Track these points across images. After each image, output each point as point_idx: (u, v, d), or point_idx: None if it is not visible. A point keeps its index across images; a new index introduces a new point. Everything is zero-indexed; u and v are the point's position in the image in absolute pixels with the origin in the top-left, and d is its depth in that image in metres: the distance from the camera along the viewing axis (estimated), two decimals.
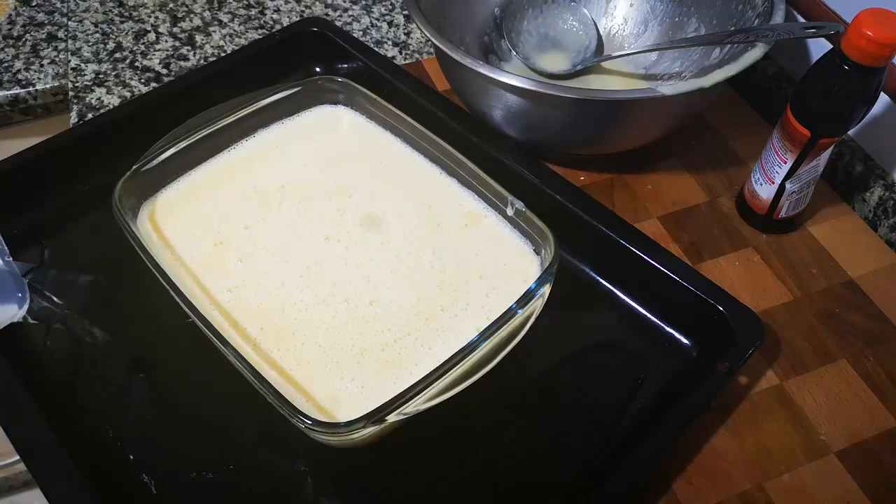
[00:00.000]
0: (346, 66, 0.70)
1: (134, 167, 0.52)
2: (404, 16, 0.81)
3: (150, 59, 0.75)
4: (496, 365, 0.43)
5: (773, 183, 0.58)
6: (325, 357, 0.47)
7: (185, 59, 0.75)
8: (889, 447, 0.50)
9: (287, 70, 0.70)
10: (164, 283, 0.46)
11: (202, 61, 0.75)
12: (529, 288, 0.45)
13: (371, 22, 0.80)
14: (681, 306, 0.54)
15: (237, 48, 0.75)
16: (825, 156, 0.55)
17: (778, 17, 0.59)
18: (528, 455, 0.49)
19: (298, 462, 0.48)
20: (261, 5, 0.81)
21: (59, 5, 0.81)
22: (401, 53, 0.77)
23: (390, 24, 0.80)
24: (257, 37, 0.77)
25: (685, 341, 0.54)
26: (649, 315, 0.55)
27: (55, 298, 0.49)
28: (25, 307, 0.47)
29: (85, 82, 0.72)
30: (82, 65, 0.74)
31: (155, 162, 0.53)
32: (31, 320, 0.47)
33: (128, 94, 0.71)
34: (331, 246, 0.53)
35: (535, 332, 0.45)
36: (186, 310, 0.45)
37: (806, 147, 0.54)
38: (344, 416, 0.43)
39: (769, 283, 0.59)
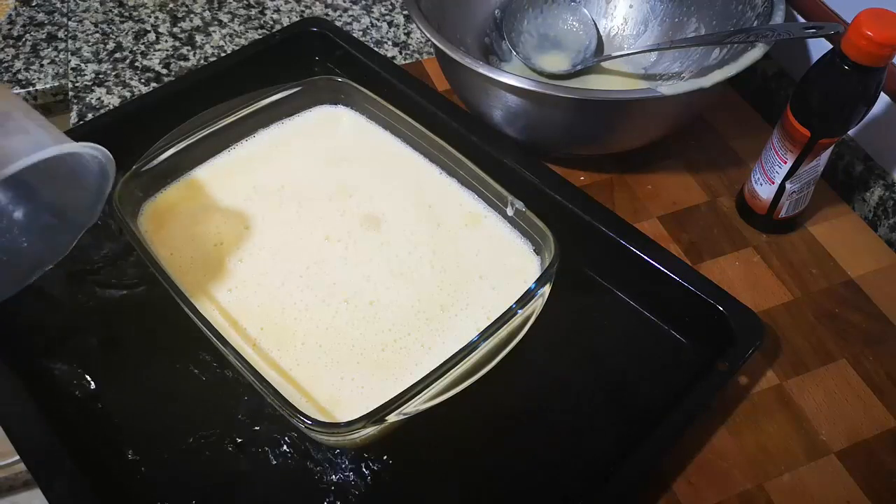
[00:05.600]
0: (346, 66, 0.70)
1: (134, 167, 0.52)
2: (404, 16, 0.81)
3: (150, 59, 0.75)
4: (496, 365, 0.43)
5: (773, 183, 0.58)
6: (326, 357, 0.47)
7: (185, 59, 0.75)
8: (889, 447, 0.50)
9: (287, 70, 0.70)
10: (164, 283, 0.46)
11: (202, 61, 0.75)
12: (529, 288, 0.45)
13: (371, 22, 0.80)
14: (681, 306, 0.54)
15: (237, 48, 0.75)
16: (825, 156, 0.55)
17: (778, 18, 0.59)
18: (528, 455, 0.49)
19: (298, 462, 0.48)
20: (261, 5, 0.81)
21: (59, 5, 0.81)
22: (401, 53, 0.77)
23: (390, 24, 0.80)
24: (257, 37, 0.77)
25: (685, 341, 0.54)
26: (649, 315, 0.55)
27: None
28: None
29: (85, 82, 0.72)
30: (82, 65, 0.74)
31: (155, 162, 0.53)
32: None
33: (128, 94, 0.71)
34: (331, 246, 0.53)
35: (535, 333, 0.45)
36: (186, 310, 0.45)
37: (806, 147, 0.54)
38: (344, 416, 0.43)
39: (769, 283, 0.59)
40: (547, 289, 0.46)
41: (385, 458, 0.48)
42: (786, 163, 0.56)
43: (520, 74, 0.56)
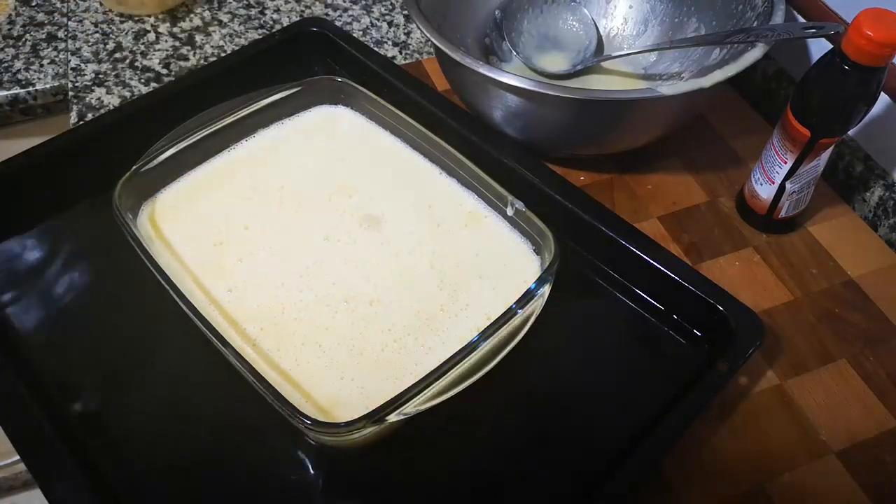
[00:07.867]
0: (346, 66, 0.70)
1: (134, 167, 0.52)
2: (404, 16, 0.81)
3: (150, 59, 0.75)
4: (496, 365, 0.43)
5: (774, 183, 0.58)
6: (325, 357, 0.47)
7: (185, 59, 0.75)
8: (889, 447, 0.50)
9: (287, 70, 0.70)
10: (164, 283, 0.46)
11: (202, 61, 0.75)
12: (529, 288, 0.45)
13: (371, 22, 0.80)
14: (681, 306, 0.54)
15: (237, 48, 0.75)
16: (825, 156, 0.55)
17: (778, 17, 0.59)
18: (528, 455, 0.49)
19: (298, 462, 0.48)
20: (261, 5, 0.81)
21: (59, 5, 0.81)
22: (401, 53, 0.77)
23: (390, 24, 0.80)
24: (257, 37, 0.77)
25: (685, 341, 0.54)
26: (649, 315, 0.55)
27: None
28: None
29: (85, 82, 0.72)
30: (82, 65, 0.74)
31: (155, 162, 0.53)
32: None
33: (128, 94, 0.71)
34: (331, 246, 0.53)
35: (535, 332, 0.45)
36: (186, 310, 0.45)
37: (806, 147, 0.54)
38: (344, 416, 0.43)
39: (769, 283, 0.59)
40: (547, 289, 0.46)
41: (385, 458, 0.48)
42: (786, 163, 0.56)
43: (520, 74, 0.56)
